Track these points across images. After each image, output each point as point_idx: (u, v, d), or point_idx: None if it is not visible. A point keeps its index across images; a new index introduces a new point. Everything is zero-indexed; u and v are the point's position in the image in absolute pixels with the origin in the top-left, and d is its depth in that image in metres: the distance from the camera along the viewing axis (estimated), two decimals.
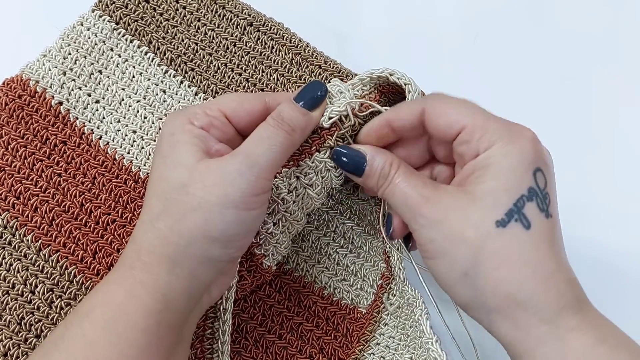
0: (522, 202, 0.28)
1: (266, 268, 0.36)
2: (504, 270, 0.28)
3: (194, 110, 0.33)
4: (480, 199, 0.29)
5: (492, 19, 0.51)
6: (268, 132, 0.31)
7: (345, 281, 0.41)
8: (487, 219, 0.28)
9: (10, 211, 0.38)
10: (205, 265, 0.30)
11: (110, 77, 0.42)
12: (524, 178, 0.28)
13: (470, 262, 0.28)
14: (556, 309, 0.28)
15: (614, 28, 0.51)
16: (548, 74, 0.50)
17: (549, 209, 0.29)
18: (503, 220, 0.28)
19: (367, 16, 0.51)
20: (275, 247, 0.36)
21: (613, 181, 0.47)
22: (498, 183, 0.28)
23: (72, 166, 0.40)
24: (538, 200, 0.28)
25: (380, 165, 0.32)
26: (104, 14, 0.43)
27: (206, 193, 0.29)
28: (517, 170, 0.28)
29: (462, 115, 0.30)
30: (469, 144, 0.30)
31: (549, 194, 0.29)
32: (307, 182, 0.34)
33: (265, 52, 0.44)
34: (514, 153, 0.29)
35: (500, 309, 0.29)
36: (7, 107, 0.40)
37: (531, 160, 0.29)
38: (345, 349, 0.40)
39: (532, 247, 0.28)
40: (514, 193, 0.28)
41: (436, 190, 0.30)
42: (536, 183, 0.29)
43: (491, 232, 0.28)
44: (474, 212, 0.29)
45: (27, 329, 0.36)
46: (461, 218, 0.29)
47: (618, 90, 0.49)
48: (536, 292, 0.28)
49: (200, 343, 0.35)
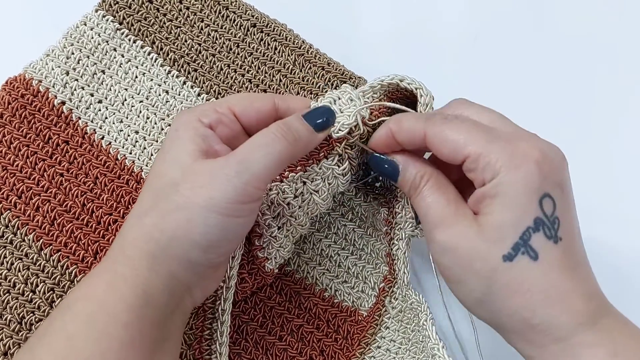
0: (528, 234, 0.28)
1: (268, 271, 0.36)
2: (517, 300, 0.28)
3: (204, 107, 0.32)
4: (488, 232, 0.29)
5: (492, 20, 0.51)
6: (268, 139, 0.31)
7: (346, 283, 0.41)
8: (495, 253, 0.28)
9: (12, 210, 0.38)
10: (184, 267, 0.30)
11: (113, 77, 0.42)
12: (529, 209, 0.28)
13: (483, 291, 0.29)
14: (570, 327, 0.28)
15: (615, 28, 0.51)
16: (548, 74, 0.50)
17: (557, 234, 0.29)
18: (510, 255, 0.28)
19: (368, 17, 0.51)
20: (279, 251, 0.36)
21: (613, 181, 0.47)
22: (504, 216, 0.28)
23: (74, 166, 0.40)
24: (545, 229, 0.28)
25: (411, 177, 0.32)
26: (107, 14, 0.43)
27: (193, 194, 0.29)
28: (522, 201, 0.28)
29: (464, 142, 0.29)
30: (475, 172, 0.30)
31: (559, 217, 0.29)
32: (314, 187, 0.34)
33: (269, 53, 0.43)
34: (518, 182, 0.28)
35: (517, 331, 0.29)
36: (10, 106, 0.40)
37: (537, 188, 0.28)
38: (345, 352, 0.39)
39: (542, 276, 0.28)
40: (519, 226, 0.28)
41: (455, 213, 0.30)
42: (542, 212, 0.28)
43: (499, 267, 0.28)
44: (482, 244, 0.29)
45: (27, 328, 0.36)
46: (471, 249, 0.29)
47: (619, 91, 0.49)
48: (550, 316, 0.28)
49: (199, 344, 0.35)
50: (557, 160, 0.30)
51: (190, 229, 0.29)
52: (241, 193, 0.29)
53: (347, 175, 0.35)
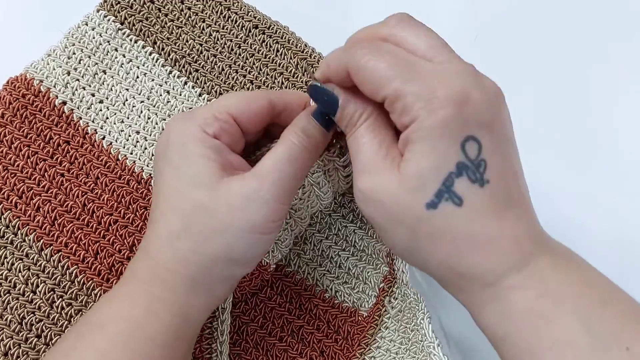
0: (450, 180, 0.26)
1: (264, 265, 0.36)
2: (442, 248, 0.27)
3: (203, 115, 0.31)
4: (409, 180, 0.27)
5: (492, 19, 0.51)
6: (293, 152, 0.30)
7: (346, 284, 0.41)
8: (417, 202, 0.27)
9: (13, 210, 0.38)
10: (223, 284, 0.31)
11: (114, 77, 0.42)
12: (450, 154, 0.26)
13: (409, 241, 0.28)
14: (498, 272, 0.27)
15: (614, 29, 0.51)
16: (548, 74, 0.50)
17: (484, 177, 0.27)
18: (433, 202, 0.26)
19: (367, 17, 0.51)
20: (277, 244, 0.36)
21: (612, 181, 0.47)
22: (423, 163, 0.26)
23: (75, 166, 0.40)
24: (469, 173, 0.27)
25: (350, 113, 0.30)
26: (108, 14, 0.43)
27: (231, 218, 0.29)
28: (441, 147, 0.26)
29: (383, 81, 0.27)
30: (393, 115, 0.27)
31: (486, 159, 0.27)
32: (314, 180, 0.34)
33: (270, 54, 0.43)
34: (436, 127, 0.26)
35: (446, 280, 0.29)
36: (11, 106, 0.40)
37: (457, 131, 0.26)
38: (346, 352, 0.39)
39: (466, 222, 0.27)
40: (440, 172, 0.26)
41: (384, 159, 0.28)
42: (466, 155, 0.26)
43: (422, 216, 0.27)
44: (404, 195, 0.27)
45: (27, 329, 0.36)
46: (394, 200, 0.27)
47: (619, 91, 0.49)
48: (476, 262, 0.27)
49: (199, 343, 0.35)
50: (484, 99, 0.27)
51: (232, 250, 0.30)
52: (278, 213, 0.30)
53: (348, 167, 0.35)
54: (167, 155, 0.31)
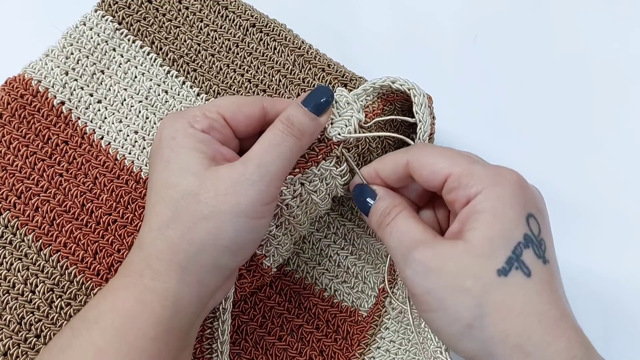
0: (519, 249, 0.27)
1: (266, 268, 0.36)
2: (511, 320, 0.27)
3: (193, 112, 0.32)
4: (478, 247, 0.27)
5: (492, 19, 0.51)
6: (278, 138, 0.31)
7: (345, 283, 0.41)
8: (488, 268, 0.27)
9: (12, 210, 0.38)
10: (213, 273, 0.31)
11: (112, 78, 0.42)
12: (518, 224, 0.28)
13: (474, 313, 0.27)
14: (567, 357, 0.26)
15: (615, 28, 0.51)
16: (548, 74, 0.50)
17: (545, 255, 0.28)
18: (504, 269, 0.27)
19: (367, 18, 0.51)
20: (277, 249, 0.36)
21: (611, 181, 0.47)
22: (494, 230, 0.27)
23: (73, 166, 0.40)
24: (534, 247, 0.28)
25: (383, 206, 0.32)
26: (106, 14, 0.43)
27: (218, 202, 0.29)
28: (510, 216, 0.28)
29: (446, 163, 0.30)
30: (458, 190, 0.29)
31: (544, 239, 0.28)
32: (312, 188, 0.34)
33: (268, 53, 0.43)
34: (505, 198, 0.28)
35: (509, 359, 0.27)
36: (9, 107, 0.40)
37: (523, 206, 0.28)
38: (345, 352, 0.39)
39: (536, 295, 0.27)
40: (511, 240, 0.27)
41: (435, 238, 0.29)
42: (530, 229, 0.28)
43: (493, 282, 0.27)
44: (473, 261, 0.27)
45: (27, 329, 0.36)
46: (460, 267, 0.27)
47: (618, 91, 0.49)
48: (545, 342, 0.26)
49: (200, 343, 0.35)
50: (536, 191, 0.30)
51: (220, 235, 0.30)
52: (265, 195, 0.30)
53: (346, 176, 0.35)
54: (158, 151, 0.32)
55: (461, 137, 0.46)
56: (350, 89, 0.42)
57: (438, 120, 0.38)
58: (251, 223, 0.30)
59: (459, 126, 0.47)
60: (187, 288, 0.30)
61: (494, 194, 0.28)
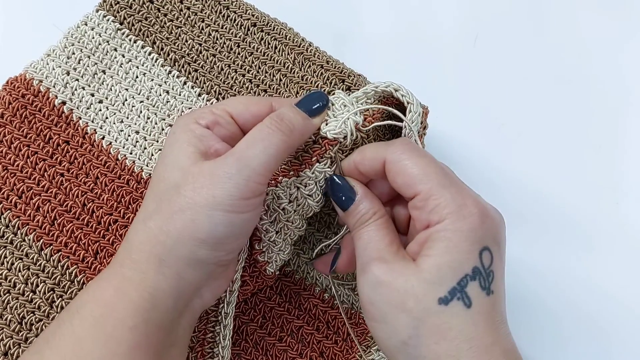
0: (465, 281, 0.29)
1: (270, 275, 0.36)
2: (444, 345, 0.28)
3: (201, 110, 0.33)
4: (427, 273, 0.29)
5: (492, 20, 0.51)
6: (263, 133, 0.31)
7: (345, 284, 0.41)
8: (430, 294, 0.29)
9: (13, 210, 0.38)
10: (192, 267, 0.30)
11: (113, 77, 0.42)
12: (469, 257, 0.29)
13: (410, 332, 0.29)
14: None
15: (615, 28, 0.51)
16: (548, 75, 0.49)
17: (490, 287, 0.29)
18: (446, 298, 0.28)
19: (367, 17, 0.51)
20: (278, 255, 0.36)
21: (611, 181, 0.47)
22: (445, 260, 0.29)
23: (74, 166, 0.40)
24: (481, 280, 0.29)
25: (364, 209, 0.32)
26: (108, 14, 0.43)
27: (195, 194, 0.30)
28: (464, 249, 0.29)
29: (419, 179, 0.30)
30: (421, 211, 0.30)
31: (494, 271, 0.30)
32: (307, 192, 0.34)
33: (269, 52, 0.43)
34: (463, 231, 0.29)
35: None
36: (11, 106, 0.40)
37: (479, 239, 0.29)
38: (345, 354, 0.39)
39: (471, 324, 0.28)
40: (458, 272, 0.29)
41: (396, 253, 0.31)
42: (481, 262, 0.29)
43: (432, 308, 0.28)
44: (418, 284, 0.29)
45: (27, 328, 0.36)
46: (405, 287, 0.29)
47: (618, 92, 0.49)
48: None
49: (201, 347, 0.35)
50: (497, 219, 0.31)
51: (196, 228, 0.30)
52: (243, 189, 0.30)
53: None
54: (163, 147, 0.33)
55: (461, 138, 0.46)
56: (349, 85, 0.42)
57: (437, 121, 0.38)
58: (229, 217, 0.30)
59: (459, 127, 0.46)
60: (164, 280, 0.30)
61: (453, 227, 0.29)
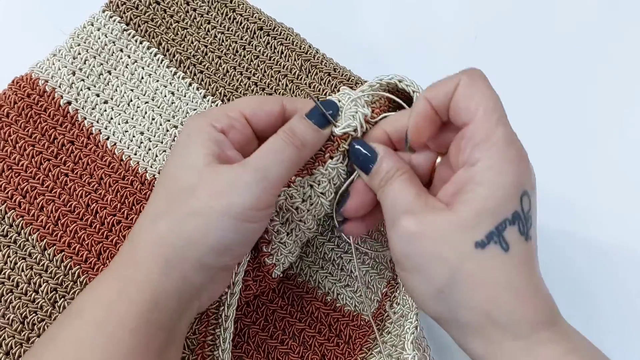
0: (504, 225, 0.28)
1: (275, 277, 0.36)
2: (481, 291, 0.28)
3: (216, 112, 0.33)
4: (463, 220, 0.28)
5: (492, 20, 0.51)
6: (278, 145, 0.31)
7: (348, 287, 0.41)
8: (467, 239, 0.28)
9: (16, 210, 0.38)
10: (197, 270, 0.30)
11: (119, 78, 0.42)
12: (511, 201, 0.28)
13: (446, 280, 0.28)
14: (531, 325, 0.28)
15: (614, 29, 0.51)
16: (548, 74, 0.50)
17: (529, 232, 0.29)
18: (482, 242, 0.28)
19: (368, 18, 0.51)
20: (287, 257, 0.36)
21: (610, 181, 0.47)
22: (485, 204, 0.28)
23: (79, 166, 0.40)
24: (520, 224, 0.28)
25: (387, 167, 0.32)
26: (114, 14, 0.43)
27: (211, 199, 0.29)
28: (507, 193, 0.28)
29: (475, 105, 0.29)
30: (467, 142, 0.29)
31: (532, 217, 0.29)
32: (321, 190, 0.34)
33: (275, 56, 0.43)
34: (508, 174, 0.28)
35: (474, 326, 0.29)
36: (16, 106, 0.40)
37: (522, 183, 0.28)
38: (347, 357, 0.39)
39: (511, 269, 0.28)
40: (498, 216, 0.28)
41: (425, 205, 0.30)
42: (521, 207, 0.28)
43: (469, 253, 0.28)
44: (454, 232, 0.28)
45: (29, 328, 0.36)
46: (441, 235, 0.28)
47: (618, 91, 0.49)
48: (514, 313, 0.28)
49: (201, 349, 0.35)
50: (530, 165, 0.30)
51: (207, 233, 0.29)
52: (259, 200, 0.30)
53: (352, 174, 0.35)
54: (174, 147, 0.32)
55: None
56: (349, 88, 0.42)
57: None
58: (240, 226, 0.30)
59: None
60: (168, 281, 0.30)
61: (498, 168, 0.28)
